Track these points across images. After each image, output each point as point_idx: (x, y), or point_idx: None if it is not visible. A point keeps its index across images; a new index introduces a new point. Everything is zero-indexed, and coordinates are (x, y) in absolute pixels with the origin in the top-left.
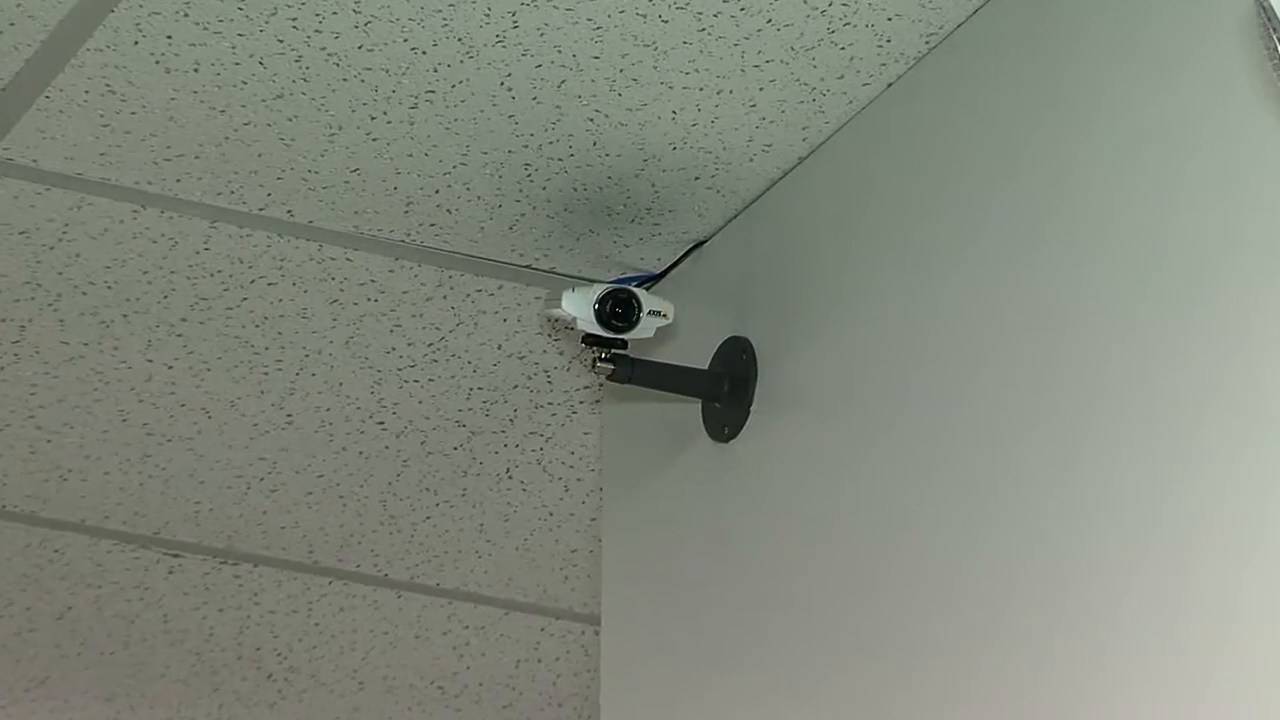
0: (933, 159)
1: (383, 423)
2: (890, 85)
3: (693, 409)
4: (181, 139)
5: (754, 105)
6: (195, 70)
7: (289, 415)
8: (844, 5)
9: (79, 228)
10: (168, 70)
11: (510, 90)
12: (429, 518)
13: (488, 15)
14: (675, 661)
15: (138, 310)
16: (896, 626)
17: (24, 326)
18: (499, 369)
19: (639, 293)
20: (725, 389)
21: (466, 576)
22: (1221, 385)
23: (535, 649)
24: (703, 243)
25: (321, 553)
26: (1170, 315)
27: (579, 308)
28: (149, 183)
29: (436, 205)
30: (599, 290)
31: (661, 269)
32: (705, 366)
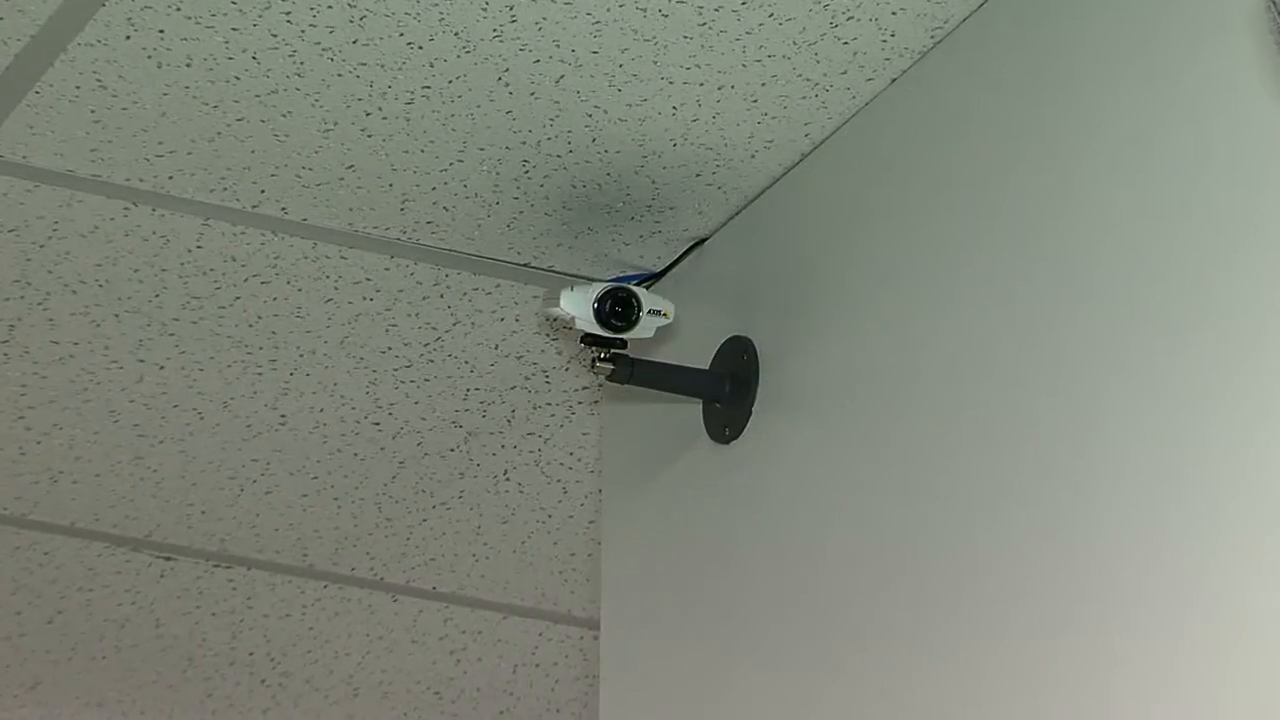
0: (938, 155)
1: (378, 423)
2: (894, 80)
3: (693, 410)
4: (173, 135)
5: (756, 100)
6: (187, 65)
7: (283, 416)
8: None
9: (69, 225)
10: (160, 65)
11: (508, 86)
12: (425, 520)
13: (485, 10)
14: (676, 667)
15: (129, 309)
16: (902, 632)
17: (13, 326)
18: (496, 369)
19: (639, 291)
20: (726, 389)
21: (463, 580)
22: (1231, 384)
23: (533, 654)
24: (703, 240)
25: (316, 556)
26: (1178, 313)
27: (578, 307)
28: (140, 180)
29: (433, 203)
30: (598, 289)
31: (662, 267)
32: (706, 366)
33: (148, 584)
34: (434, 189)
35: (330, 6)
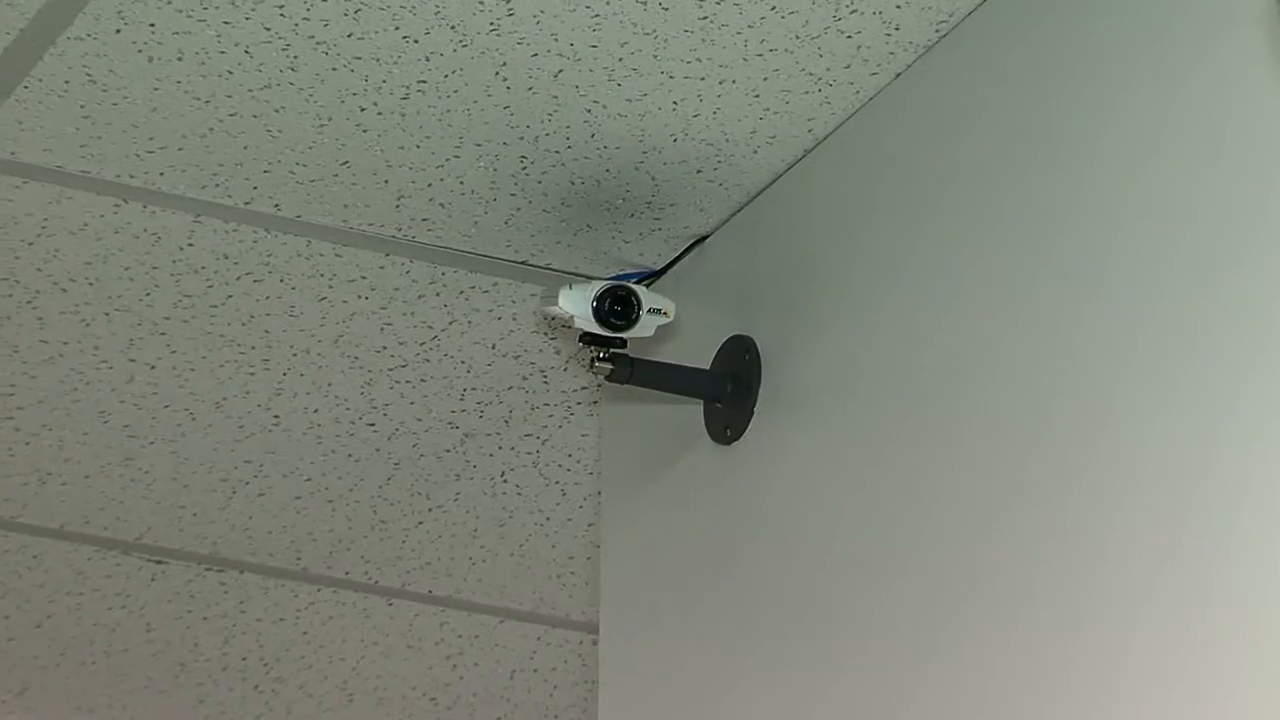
0: (943, 152)
1: (373, 424)
2: (899, 75)
3: (694, 410)
4: (165, 130)
5: (758, 95)
6: (179, 59)
7: (276, 416)
8: None
9: (58, 222)
10: (151, 59)
11: (505, 80)
12: (421, 523)
13: (482, 3)
14: (676, 672)
15: (119, 308)
16: (908, 638)
17: (1, 325)
18: (493, 369)
19: (638, 290)
20: (728, 389)
21: (460, 584)
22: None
23: (531, 659)
24: (704, 238)
25: (310, 559)
26: (1191, 311)
27: (576, 305)
28: (131, 176)
29: (429, 199)
30: (597, 287)
31: (662, 265)
32: (707, 366)
33: (138, 588)
34: (430, 185)
35: (324, 0)
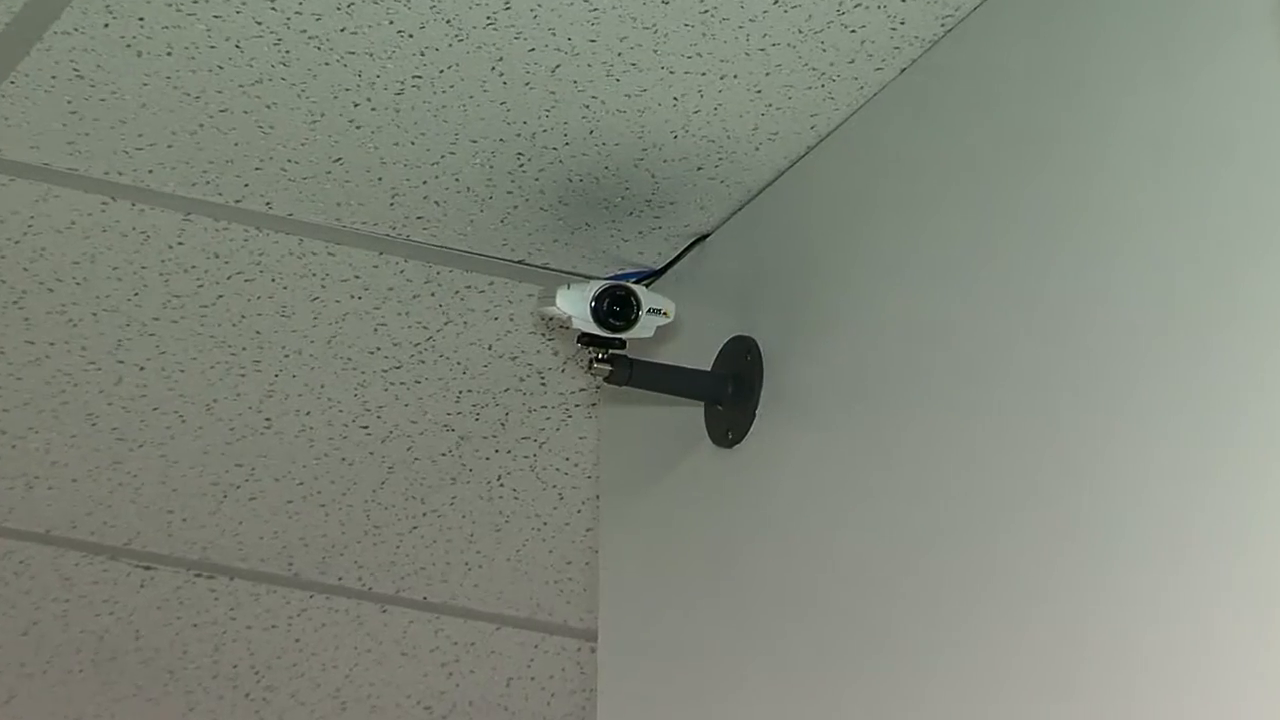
0: (948, 148)
1: (367, 427)
2: (904, 70)
3: (694, 412)
4: (154, 127)
5: (760, 91)
6: (168, 54)
7: (267, 419)
8: None
9: (45, 221)
10: (139, 54)
11: (502, 75)
12: (416, 528)
13: None
14: (676, 680)
15: (107, 308)
16: (914, 644)
17: None
18: (490, 370)
19: (638, 290)
20: (729, 391)
21: (455, 590)
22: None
23: (528, 666)
24: (705, 237)
25: (302, 565)
26: (1201, 311)
27: (574, 305)
28: (119, 173)
29: (424, 197)
30: (595, 287)
31: (661, 264)
32: (708, 367)
33: (127, 594)
34: (425, 183)
35: None
